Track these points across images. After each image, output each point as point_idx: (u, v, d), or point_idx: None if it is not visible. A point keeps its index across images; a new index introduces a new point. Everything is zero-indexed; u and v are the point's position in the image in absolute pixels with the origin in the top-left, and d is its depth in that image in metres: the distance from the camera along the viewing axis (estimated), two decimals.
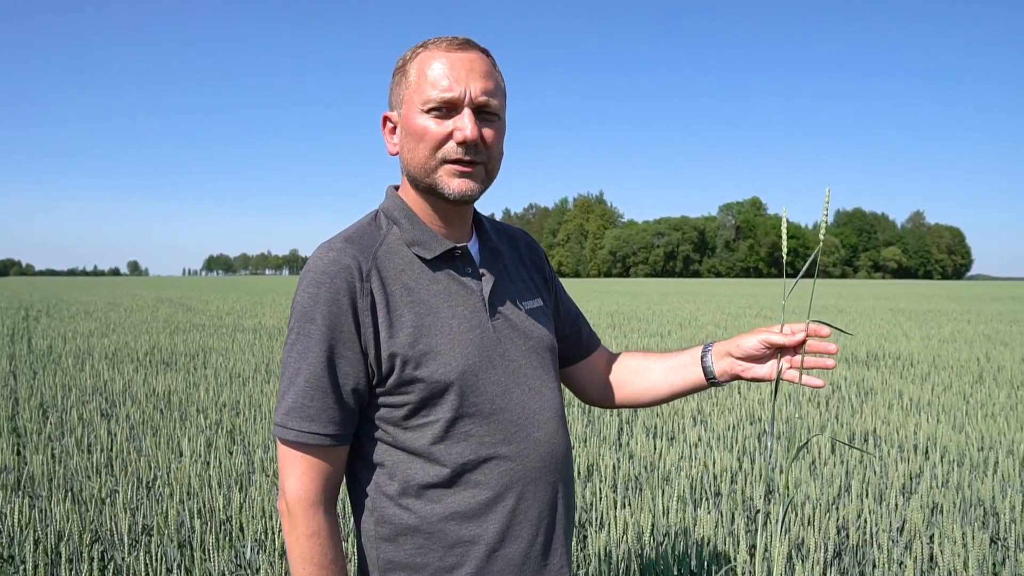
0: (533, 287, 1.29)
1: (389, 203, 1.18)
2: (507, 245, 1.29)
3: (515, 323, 1.19)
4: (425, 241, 1.14)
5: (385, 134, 1.18)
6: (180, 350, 9.75)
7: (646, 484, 4.01)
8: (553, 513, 1.19)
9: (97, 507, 3.56)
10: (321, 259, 1.10)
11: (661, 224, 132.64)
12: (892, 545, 3.13)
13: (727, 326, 14.45)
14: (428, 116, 1.09)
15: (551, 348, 1.25)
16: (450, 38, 1.12)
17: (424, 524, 1.10)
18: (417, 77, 1.10)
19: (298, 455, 1.09)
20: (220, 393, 6.51)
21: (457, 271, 1.15)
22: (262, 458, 4.31)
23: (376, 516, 1.13)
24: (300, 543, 1.09)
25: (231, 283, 64.19)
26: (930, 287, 59.04)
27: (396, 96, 1.15)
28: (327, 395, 1.08)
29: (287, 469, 1.10)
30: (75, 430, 5.11)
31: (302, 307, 1.09)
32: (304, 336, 1.08)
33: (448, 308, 1.12)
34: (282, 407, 1.09)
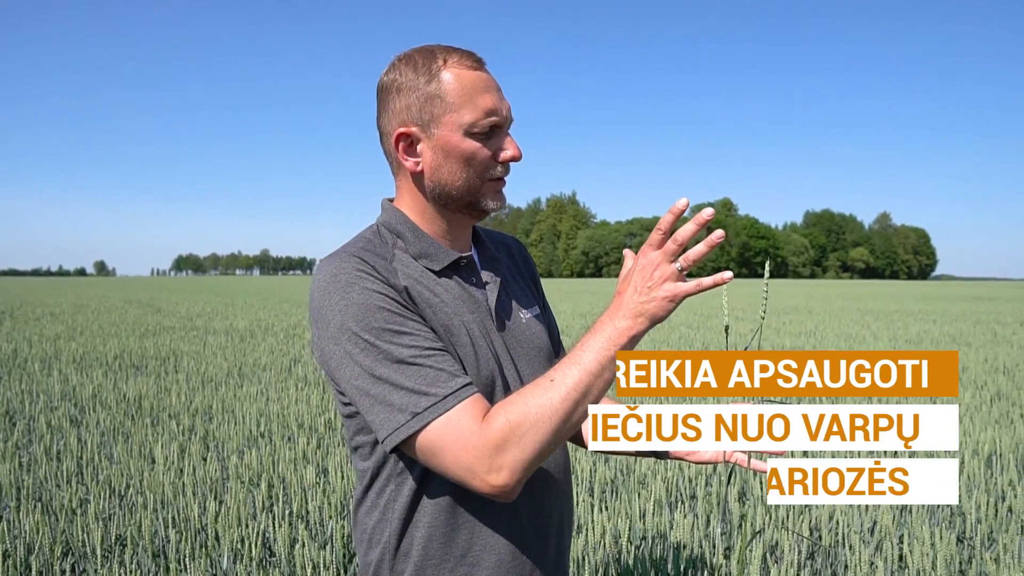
0: (531, 295, 1.31)
1: (390, 217, 1.18)
2: (503, 253, 1.30)
3: (518, 332, 1.21)
4: (432, 253, 1.15)
5: (399, 152, 1.14)
6: (150, 354, 9.61)
7: (622, 488, 4.04)
8: (560, 522, 1.22)
9: (68, 517, 3.50)
10: (346, 264, 1.07)
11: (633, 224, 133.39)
12: (863, 546, 3.19)
13: (699, 327, 14.59)
14: (474, 139, 1.10)
15: (550, 356, 1.27)
16: (460, 52, 1.13)
17: (437, 533, 1.10)
18: (456, 97, 1.09)
19: (457, 416, 0.98)
20: (192, 398, 6.44)
21: (464, 280, 1.17)
22: (237, 464, 4.28)
23: (391, 527, 1.12)
24: (549, 430, 0.97)
25: (201, 283, 63.32)
26: (897, 287, 60.11)
27: (421, 114, 1.11)
28: (444, 354, 1.03)
29: (456, 444, 0.97)
30: (43, 438, 5.01)
31: (359, 305, 1.02)
32: (384, 328, 1.01)
33: (460, 316, 1.13)
34: (409, 401, 0.99)
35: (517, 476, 0.97)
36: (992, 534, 3.48)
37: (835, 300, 29.82)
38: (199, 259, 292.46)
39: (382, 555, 1.14)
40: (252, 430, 5.23)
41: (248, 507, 3.59)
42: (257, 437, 5.09)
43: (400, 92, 1.12)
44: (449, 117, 1.10)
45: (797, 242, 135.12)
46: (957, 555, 3.16)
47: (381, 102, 1.16)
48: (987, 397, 6.70)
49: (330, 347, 1.05)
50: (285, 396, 6.46)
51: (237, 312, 18.90)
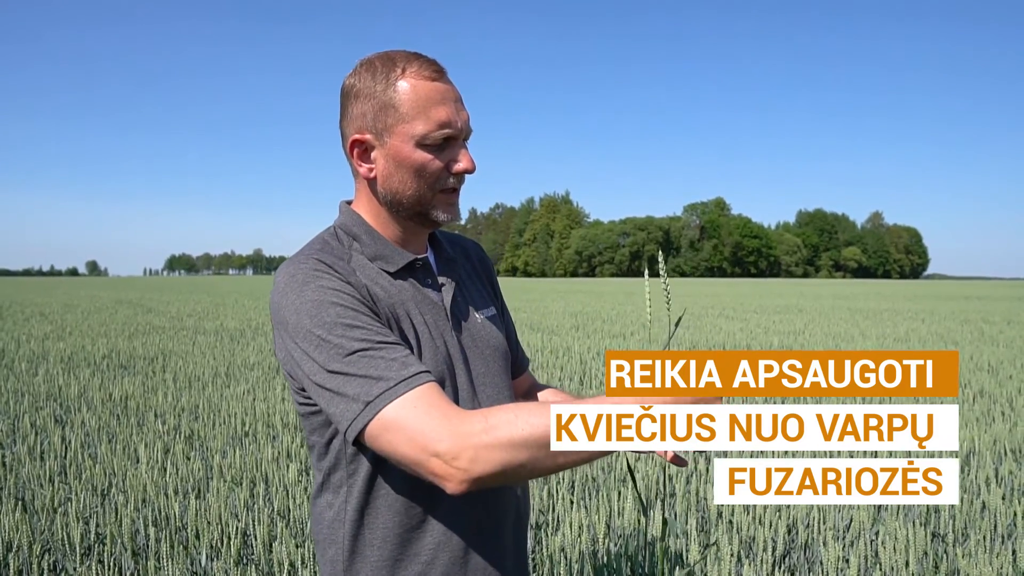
0: (487, 296, 1.33)
1: (346, 219, 1.20)
2: (460, 256, 1.32)
3: (474, 331, 1.23)
4: (387, 255, 1.16)
5: (354, 158, 1.16)
6: (139, 353, 9.59)
7: (603, 485, 4.07)
8: (517, 515, 1.24)
9: (49, 516, 3.51)
10: (303, 265, 1.09)
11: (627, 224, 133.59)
12: (837, 543, 3.22)
13: (691, 326, 14.64)
14: (426, 150, 1.11)
15: (506, 355, 1.28)
16: (421, 59, 1.13)
17: (391, 534, 1.12)
18: (410, 109, 1.10)
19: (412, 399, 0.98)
20: (179, 398, 6.44)
21: (419, 281, 1.18)
22: (220, 463, 4.29)
23: (345, 527, 1.14)
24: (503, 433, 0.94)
25: (193, 283, 63.15)
26: (888, 286, 60.38)
27: (376, 122, 1.12)
28: (398, 347, 1.04)
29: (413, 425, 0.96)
30: (27, 437, 5.01)
31: (313, 302, 1.04)
32: (337, 322, 1.03)
33: (416, 316, 1.15)
34: (362, 390, 0.99)
35: (473, 473, 0.94)
36: (966, 530, 3.52)
37: (826, 299, 29.95)
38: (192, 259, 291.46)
39: (337, 554, 1.15)
40: (237, 429, 5.24)
41: (229, 505, 3.61)
42: (242, 436, 5.10)
43: (358, 98, 1.14)
44: (402, 127, 1.11)
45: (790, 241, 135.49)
46: (931, 551, 3.20)
47: (342, 106, 1.17)
48: (969, 395, 6.76)
49: (289, 345, 1.06)
50: (272, 396, 6.47)
51: (228, 312, 18.86)
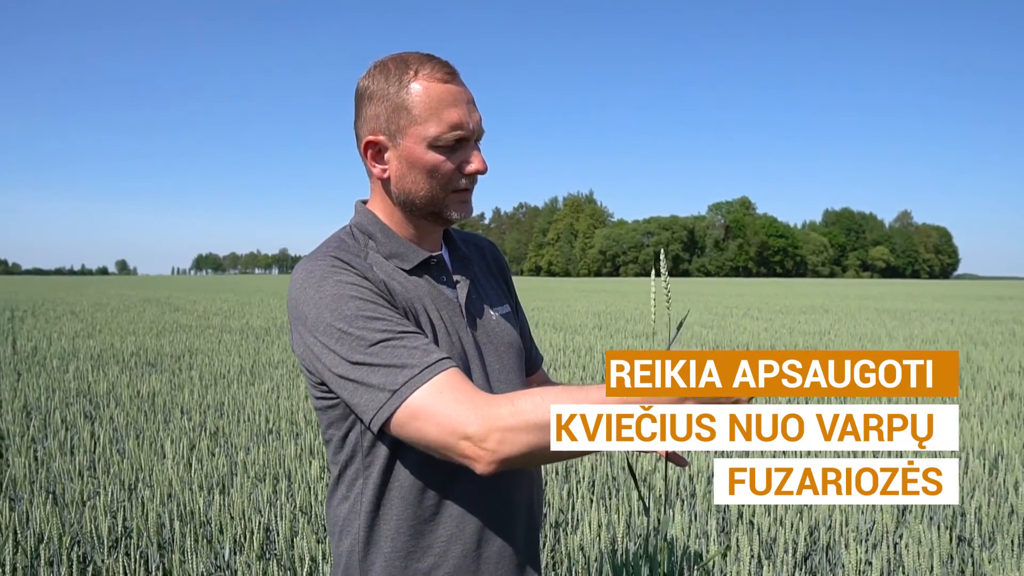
0: (502, 294, 1.34)
1: (362, 218, 1.22)
2: (475, 254, 1.34)
3: (488, 328, 1.24)
4: (402, 253, 1.18)
5: (368, 159, 1.18)
6: (166, 351, 9.74)
7: (623, 484, 4.07)
8: (529, 510, 1.26)
9: (78, 509, 3.59)
10: (322, 261, 1.11)
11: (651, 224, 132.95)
12: (859, 546, 3.20)
13: (714, 326, 14.55)
14: (438, 151, 1.13)
15: (520, 352, 1.30)
16: (434, 62, 1.14)
17: (405, 526, 1.14)
18: (422, 110, 1.12)
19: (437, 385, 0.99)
20: (205, 395, 6.54)
21: (434, 278, 1.20)
22: (244, 460, 4.35)
23: (360, 520, 1.16)
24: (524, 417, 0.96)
25: (220, 282, 63.93)
26: (917, 287, 59.46)
27: (389, 124, 1.14)
28: (418, 335, 1.06)
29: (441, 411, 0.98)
30: (58, 432, 5.13)
31: (333, 296, 1.06)
32: (357, 315, 1.04)
33: (431, 312, 1.17)
34: (387, 380, 1.01)
35: (501, 454, 0.96)
36: (993, 534, 3.47)
37: (853, 299, 29.58)
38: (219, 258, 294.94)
39: (352, 546, 1.17)
40: (261, 426, 5.31)
41: (253, 501, 3.66)
42: (266, 433, 5.16)
43: (372, 100, 1.16)
44: (414, 129, 1.12)
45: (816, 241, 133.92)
46: (956, 556, 3.16)
47: (356, 107, 1.19)
48: (999, 397, 6.65)
49: (308, 340, 1.08)
50: (295, 393, 6.54)
51: (253, 310, 19.08)
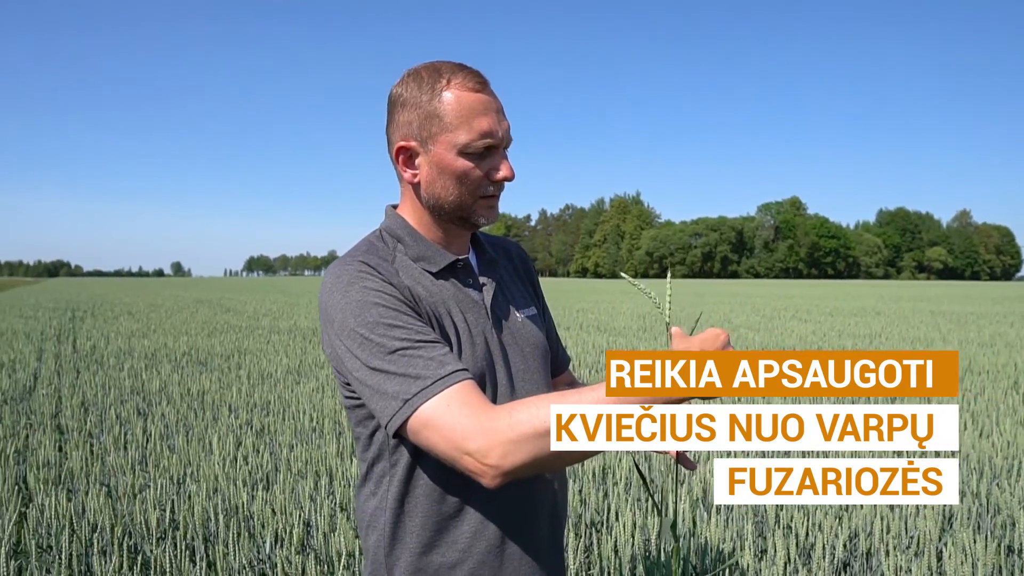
0: (528, 296, 1.37)
1: (391, 222, 1.26)
2: (502, 256, 1.37)
3: (514, 329, 1.27)
4: (430, 256, 1.22)
5: (399, 164, 1.22)
6: (217, 351, 10.01)
7: (660, 486, 4.06)
8: (553, 509, 1.28)
9: (130, 501, 3.73)
10: (348, 267, 1.15)
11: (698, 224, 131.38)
12: (900, 554, 3.14)
13: (761, 328, 14.33)
14: (468, 158, 1.16)
15: (545, 353, 1.33)
16: (465, 71, 1.18)
17: (429, 522, 1.18)
18: (454, 118, 1.15)
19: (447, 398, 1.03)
20: (252, 393, 6.71)
21: (460, 281, 1.24)
22: (287, 457, 4.46)
23: (386, 515, 1.20)
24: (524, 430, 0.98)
25: (270, 284, 65.28)
26: (976, 288, 57.52)
27: (421, 131, 1.18)
28: (437, 345, 1.09)
29: (447, 423, 1.01)
30: (113, 428, 5.33)
31: (358, 302, 1.10)
32: (379, 322, 1.08)
33: (456, 315, 1.20)
34: (401, 388, 1.05)
35: (504, 467, 0.99)
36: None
37: (907, 301, 28.78)
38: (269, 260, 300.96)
39: (379, 541, 1.21)
40: (305, 424, 5.43)
41: (295, 498, 3.76)
42: (309, 432, 5.28)
43: (404, 107, 1.20)
44: (445, 136, 1.16)
45: (870, 242, 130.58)
46: (1005, 567, 3.07)
47: (389, 113, 1.23)
48: None
49: (335, 342, 1.13)
50: (339, 393, 6.67)
51: (301, 312, 19.46)
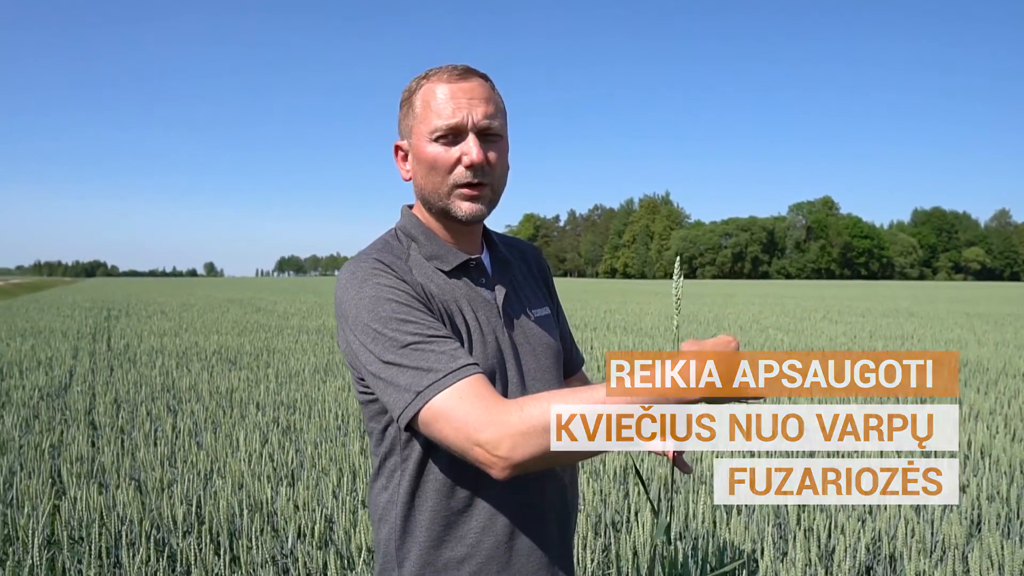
0: (542, 296, 1.39)
1: (405, 222, 1.29)
2: (517, 257, 1.39)
3: (526, 329, 1.29)
4: (442, 255, 1.24)
5: (397, 162, 1.28)
6: (246, 350, 10.16)
7: (683, 487, 4.05)
8: (563, 505, 1.29)
9: (158, 496, 3.81)
10: (363, 264, 1.18)
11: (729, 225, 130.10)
12: (924, 558, 3.09)
13: (790, 329, 14.17)
14: (436, 144, 1.19)
15: (558, 353, 1.34)
16: (451, 67, 1.22)
17: (439, 516, 1.20)
18: (422, 108, 1.20)
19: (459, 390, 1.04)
20: (279, 392, 6.80)
21: (472, 281, 1.26)
22: (312, 454, 4.53)
23: (397, 509, 1.22)
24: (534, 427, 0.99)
25: (301, 284, 66.05)
26: (1016, 289, 56.22)
27: (405, 126, 1.25)
28: (448, 340, 1.11)
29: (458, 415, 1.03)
30: (143, 424, 5.44)
31: (371, 298, 1.12)
32: (392, 317, 1.10)
33: (468, 312, 1.22)
34: (413, 381, 1.06)
35: (514, 459, 1.00)
36: None
37: (942, 303, 28.24)
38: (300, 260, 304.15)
39: (390, 534, 1.23)
40: (330, 422, 5.50)
41: (318, 494, 3.81)
42: (334, 430, 5.34)
43: (400, 109, 1.27)
44: (417, 127, 1.21)
45: (904, 242, 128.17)
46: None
47: None
48: None
49: (349, 337, 1.16)
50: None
51: (330, 311, 19.63)
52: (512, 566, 1.22)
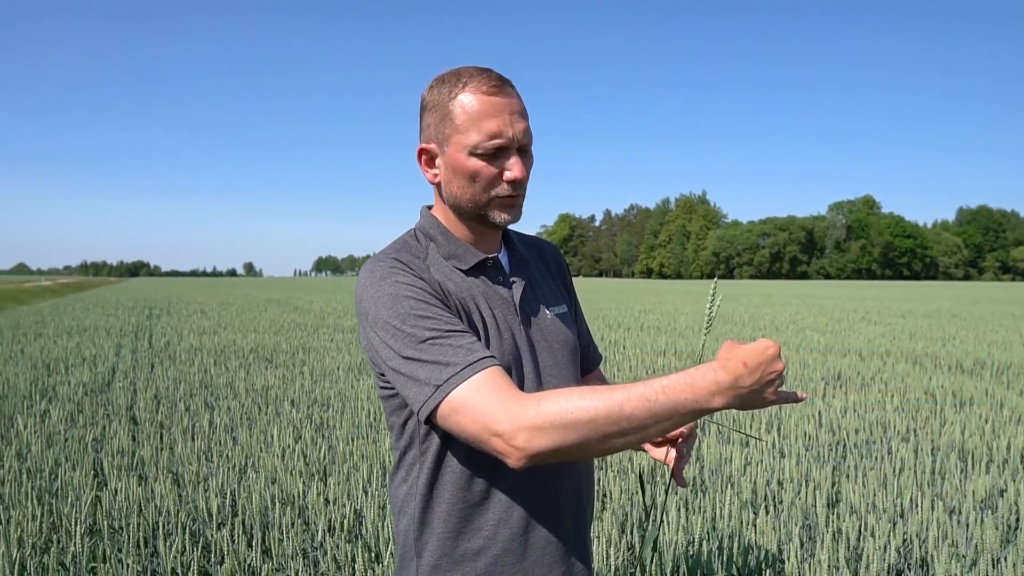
0: (559, 294, 1.41)
1: (424, 222, 1.32)
2: (535, 255, 1.41)
3: (543, 327, 1.31)
4: (460, 254, 1.27)
5: (422, 165, 1.29)
6: (282, 348, 10.34)
7: (711, 487, 4.03)
8: (578, 499, 1.31)
9: (194, 488, 3.92)
10: (382, 263, 1.21)
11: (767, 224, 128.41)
12: (956, 562, 3.05)
13: (827, 331, 13.95)
14: (478, 159, 1.21)
15: (575, 350, 1.36)
16: (484, 75, 1.22)
17: (456, 509, 1.23)
18: (464, 120, 1.20)
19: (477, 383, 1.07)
20: (313, 389, 6.92)
21: (490, 279, 1.28)
22: (343, 450, 4.61)
23: (416, 501, 1.25)
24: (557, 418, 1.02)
25: (337, 284, 66.80)
26: None
27: (437, 132, 1.24)
28: (466, 334, 1.13)
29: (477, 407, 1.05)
30: (182, 420, 5.59)
31: (390, 295, 1.15)
32: (410, 313, 1.13)
33: (484, 309, 1.25)
34: (432, 375, 1.09)
35: (529, 450, 1.03)
36: None
37: (986, 304, 27.52)
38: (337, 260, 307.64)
39: (409, 525, 1.27)
40: (362, 419, 5.58)
41: (349, 489, 3.88)
42: (366, 426, 5.43)
43: (427, 110, 1.26)
44: (457, 138, 1.21)
45: (949, 241, 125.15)
46: None
47: (419, 117, 1.30)
48: None
49: (370, 334, 1.20)
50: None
51: None
52: (528, 558, 1.25)
